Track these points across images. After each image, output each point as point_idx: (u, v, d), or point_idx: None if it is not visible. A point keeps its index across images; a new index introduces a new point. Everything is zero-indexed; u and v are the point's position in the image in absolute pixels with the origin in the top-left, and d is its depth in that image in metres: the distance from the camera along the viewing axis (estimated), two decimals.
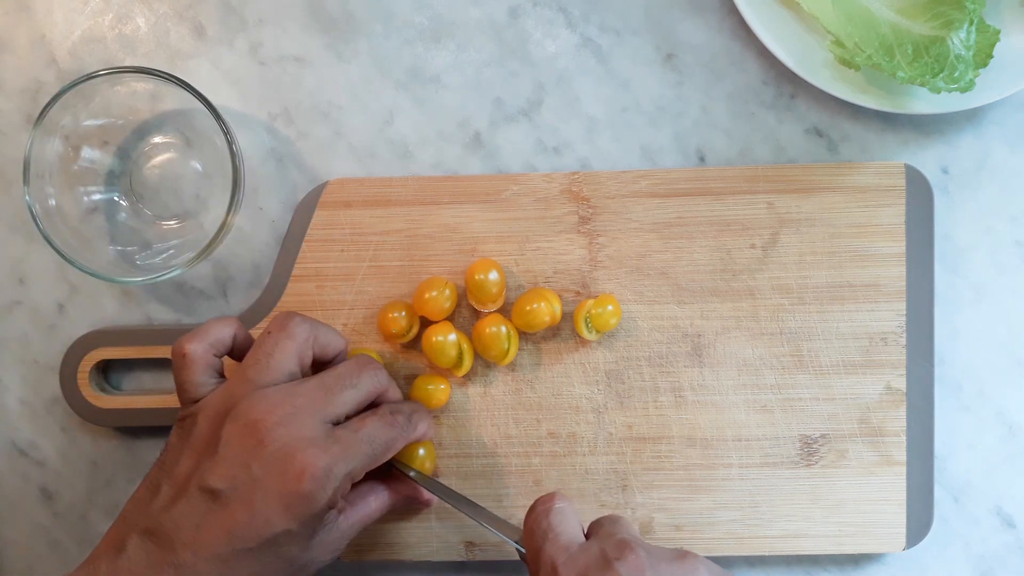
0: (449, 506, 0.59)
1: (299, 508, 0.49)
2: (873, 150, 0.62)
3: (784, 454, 0.60)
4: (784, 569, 0.62)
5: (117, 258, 0.61)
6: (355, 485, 0.54)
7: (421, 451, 0.58)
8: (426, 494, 0.58)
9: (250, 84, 0.62)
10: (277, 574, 0.50)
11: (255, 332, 0.61)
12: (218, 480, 0.49)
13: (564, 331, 0.60)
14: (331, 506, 0.50)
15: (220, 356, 0.54)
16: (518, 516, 0.60)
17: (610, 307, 0.59)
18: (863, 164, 0.60)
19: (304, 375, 0.53)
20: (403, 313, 0.59)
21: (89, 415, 0.61)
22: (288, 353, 0.52)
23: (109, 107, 0.61)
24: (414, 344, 0.60)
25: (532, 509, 0.52)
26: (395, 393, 0.57)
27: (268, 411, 0.49)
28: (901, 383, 0.60)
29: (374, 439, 0.52)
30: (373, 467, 0.52)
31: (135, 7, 0.63)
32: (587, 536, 0.51)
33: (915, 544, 0.60)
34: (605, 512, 0.60)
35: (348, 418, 0.53)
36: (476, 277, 0.58)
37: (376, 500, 0.56)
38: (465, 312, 0.61)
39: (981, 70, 0.56)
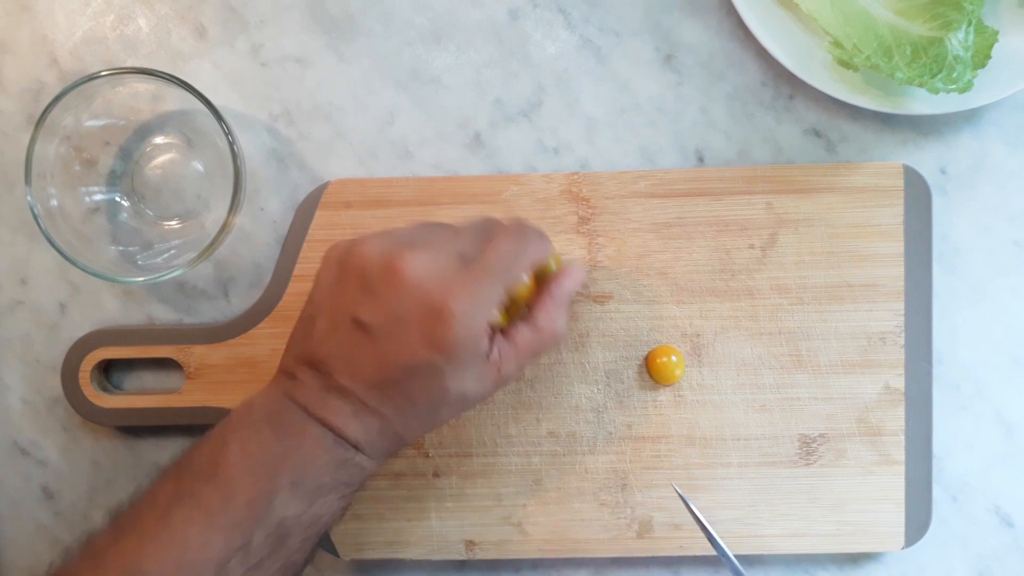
0: (449, 506, 0.60)
1: (440, 340, 0.50)
2: (871, 151, 0.62)
3: (783, 453, 0.60)
4: (783, 569, 0.62)
5: (119, 258, 0.62)
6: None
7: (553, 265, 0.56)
8: (570, 281, 0.55)
9: (251, 85, 0.63)
10: (433, 402, 0.52)
11: (256, 332, 0.61)
12: (365, 314, 0.51)
13: None
14: (478, 337, 0.51)
15: None
16: (517, 515, 0.60)
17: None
18: (861, 165, 0.60)
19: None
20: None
21: (91, 415, 0.61)
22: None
23: (110, 108, 0.61)
24: None
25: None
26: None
27: (398, 255, 0.51)
28: (899, 383, 0.60)
29: (506, 254, 0.52)
30: (515, 287, 0.53)
31: (136, 8, 0.63)
32: None
33: (913, 543, 0.60)
34: (605, 511, 0.60)
35: None
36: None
37: (531, 327, 0.54)
38: None
39: (979, 71, 0.56)
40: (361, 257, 0.52)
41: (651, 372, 0.60)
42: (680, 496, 0.59)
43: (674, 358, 0.60)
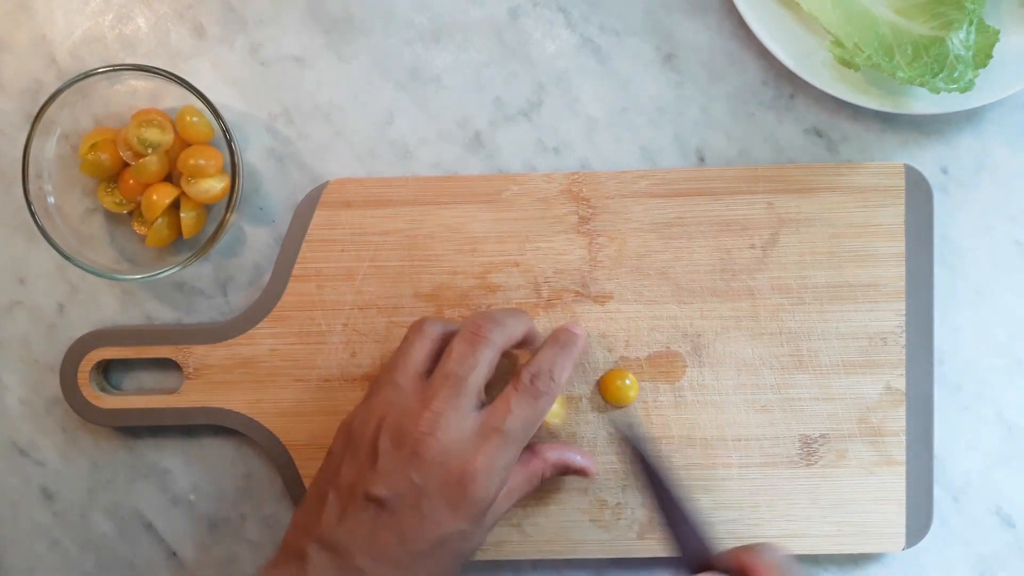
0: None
1: (466, 508, 0.51)
2: (873, 150, 0.62)
3: (784, 454, 0.60)
4: None
5: (117, 256, 0.61)
6: None
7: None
8: (582, 463, 0.58)
9: (250, 84, 0.62)
10: (449, 567, 0.52)
11: (255, 332, 0.61)
12: (382, 489, 0.50)
13: None
14: (496, 489, 0.52)
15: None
16: (517, 516, 0.60)
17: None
18: (863, 164, 0.60)
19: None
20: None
21: (89, 415, 0.61)
22: (424, 353, 0.54)
23: (108, 106, 0.61)
24: None
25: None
26: (531, 332, 0.56)
27: (413, 422, 0.51)
28: (901, 383, 0.60)
29: (525, 419, 0.52)
30: (528, 441, 0.53)
31: (135, 7, 0.63)
32: None
33: (915, 544, 0.60)
34: (606, 511, 0.60)
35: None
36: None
37: (523, 473, 0.56)
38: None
39: (980, 70, 0.56)
40: (364, 426, 0.52)
41: (604, 395, 0.60)
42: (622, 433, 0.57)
43: (628, 381, 0.60)
